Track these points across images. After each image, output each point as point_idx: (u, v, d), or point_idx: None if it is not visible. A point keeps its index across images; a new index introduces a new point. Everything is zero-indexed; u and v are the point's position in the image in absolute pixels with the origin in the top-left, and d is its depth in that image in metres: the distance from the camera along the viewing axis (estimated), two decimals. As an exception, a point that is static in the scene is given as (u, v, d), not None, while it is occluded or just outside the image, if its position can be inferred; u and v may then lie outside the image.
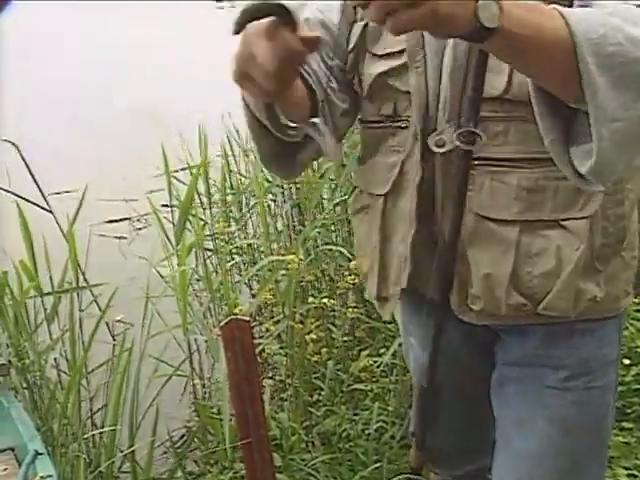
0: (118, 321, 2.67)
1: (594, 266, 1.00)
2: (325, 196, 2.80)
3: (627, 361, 2.34)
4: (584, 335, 1.06)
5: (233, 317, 1.49)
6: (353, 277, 2.35)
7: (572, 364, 1.06)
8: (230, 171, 3.08)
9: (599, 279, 1.01)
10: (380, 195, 1.09)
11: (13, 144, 2.25)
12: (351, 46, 1.06)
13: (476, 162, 0.97)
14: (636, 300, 2.43)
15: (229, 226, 2.75)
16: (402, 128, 1.04)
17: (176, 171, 3.08)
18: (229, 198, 3.13)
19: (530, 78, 0.79)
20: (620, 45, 0.73)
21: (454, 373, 1.19)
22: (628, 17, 0.76)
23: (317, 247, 2.55)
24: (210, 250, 2.69)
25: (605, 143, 0.74)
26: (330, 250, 2.53)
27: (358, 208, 1.17)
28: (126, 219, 4.06)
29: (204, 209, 3.01)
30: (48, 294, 2.13)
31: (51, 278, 2.20)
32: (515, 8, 0.70)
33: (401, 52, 1.00)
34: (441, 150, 0.99)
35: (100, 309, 2.21)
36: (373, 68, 1.04)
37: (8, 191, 2.17)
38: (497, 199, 0.98)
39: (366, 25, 1.03)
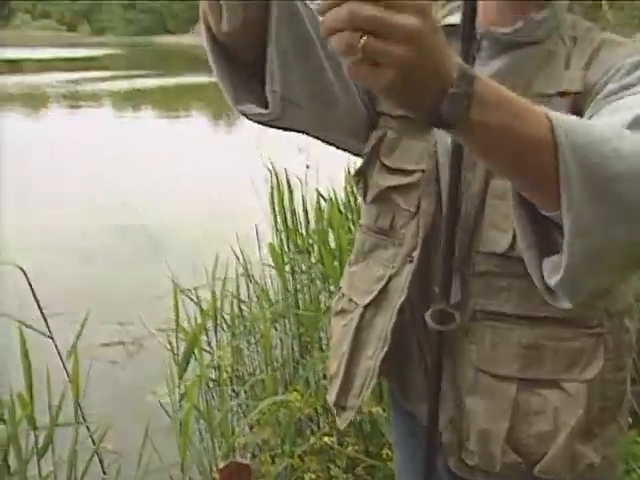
0: (110, 451, 2.59)
1: (591, 430, 0.98)
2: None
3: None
4: None
5: (233, 461, 1.45)
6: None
7: None
8: (240, 300, 3.09)
9: (596, 444, 0.99)
10: (359, 305, 1.09)
11: (21, 269, 2.28)
12: (365, 150, 1.06)
13: (478, 316, 0.97)
14: None
15: (234, 358, 2.73)
16: (395, 245, 1.04)
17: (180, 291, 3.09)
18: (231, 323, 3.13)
19: (503, 178, 0.76)
20: (606, 158, 0.68)
21: None
22: (619, 130, 0.73)
23: (318, 380, 2.53)
24: (212, 380, 2.67)
25: (576, 259, 0.70)
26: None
27: (338, 310, 1.16)
28: (120, 343, 4.02)
29: (207, 334, 3.00)
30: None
31: (49, 405, 2.16)
32: (490, 105, 0.63)
33: (412, 171, 1.00)
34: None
35: (94, 443, 2.15)
36: (382, 179, 1.04)
37: (21, 322, 2.16)
38: (497, 354, 0.97)
39: (383, 136, 1.04)
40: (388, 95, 0.60)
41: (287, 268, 2.97)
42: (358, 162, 1.11)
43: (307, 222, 3.46)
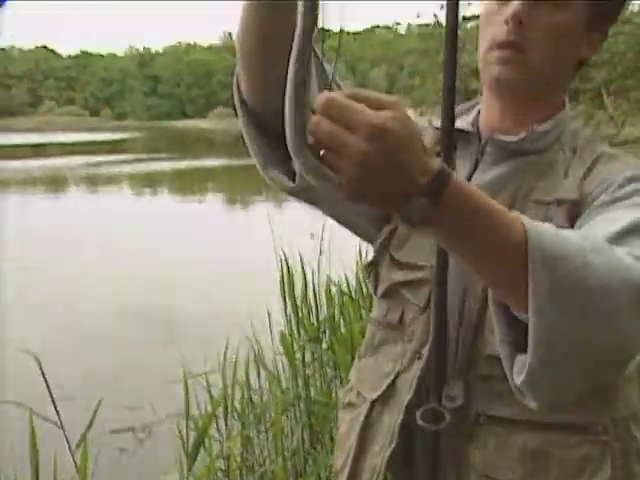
0: None
1: None
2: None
3: None
4: None
5: None
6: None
7: None
8: (250, 388, 3.07)
9: None
10: (367, 399, 1.07)
11: (34, 356, 2.30)
12: (377, 243, 1.07)
13: (481, 420, 0.96)
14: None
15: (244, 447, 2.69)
16: (404, 340, 1.03)
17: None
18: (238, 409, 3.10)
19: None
20: (577, 269, 0.69)
21: None
22: (595, 243, 0.73)
23: (329, 474, 2.48)
24: (222, 470, 2.62)
25: (539, 362, 0.70)
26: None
27: (346, 403, 1.14)
28: (130, 429, 3.97)
29: (217, 422, 2.96)
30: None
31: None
32: (461, 210, 0.66)
33: (423, 267, 0.99)
34: (448, 405, 0.95)
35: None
36: (392, 274, 1.04)
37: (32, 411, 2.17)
38: (501, 460, 0.95)
39: (395, 229, 1.05)
40: (347, 199, 0.64)
41: (298, 355, 2.96)
42: (370, 251, 1.12)
43: (317, 309, 3.47)
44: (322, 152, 0.62)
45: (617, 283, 0.71)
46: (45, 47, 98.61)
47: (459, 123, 1.03)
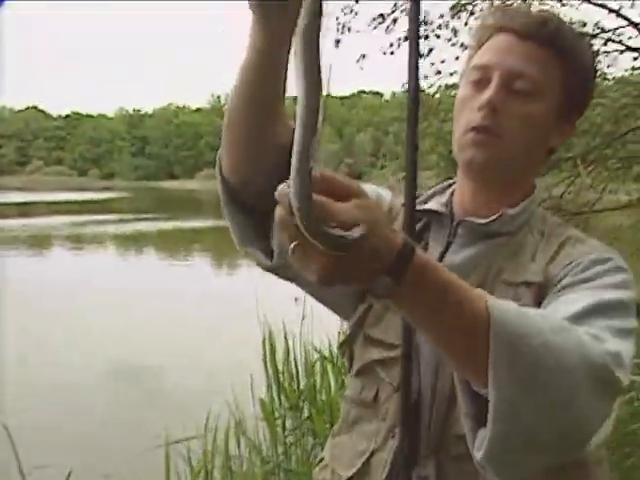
0: None
1: None
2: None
3: None
4: None
5: None
6: None
7: None
8: (230, 457, 3.00)
9: None
10: (343, 477, 1.06)
11: (4, 426, 2.25)
12: (352, 321, 1.08)
13: None
14: None
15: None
16: (379, 419, 1.03)
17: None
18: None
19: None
20: (539, 348, 0.71)
21: None
22: (554, 323, 0.76)
23: None
24: None
25: (497, 439, 0.72)
26: None
27: None
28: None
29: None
30: None
31: None
32: (424, 286, 0.68)
33: (396, 346, 0.99)
34: None
35: None
36: (366, 352, 1.05)
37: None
38: None
39: (370, 307, 1.05)
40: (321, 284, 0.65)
41: (279, 422, 2.91)
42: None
43: (298, 376, 3.43)
44: (292, 244, 0.63)
45: (576, 361, 0.73)
46: (35, 107, 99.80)
47: (433, 204, 1.07)
